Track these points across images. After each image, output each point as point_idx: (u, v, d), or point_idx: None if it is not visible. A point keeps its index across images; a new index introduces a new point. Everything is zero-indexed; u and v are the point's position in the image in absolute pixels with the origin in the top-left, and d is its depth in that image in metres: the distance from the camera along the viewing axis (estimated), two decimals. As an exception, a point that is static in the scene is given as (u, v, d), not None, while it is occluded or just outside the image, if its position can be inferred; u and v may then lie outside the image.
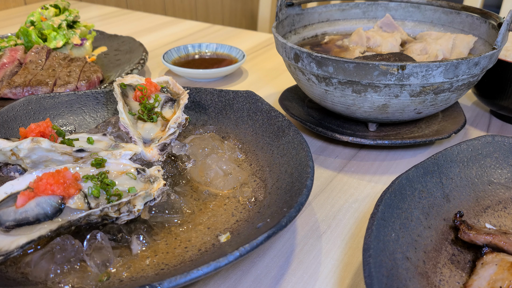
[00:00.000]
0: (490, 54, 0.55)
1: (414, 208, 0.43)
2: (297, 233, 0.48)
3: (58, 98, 0.62)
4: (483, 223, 0.45)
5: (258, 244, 0.36)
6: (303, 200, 0.41)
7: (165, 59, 0.89)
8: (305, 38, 0.77)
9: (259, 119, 0.59)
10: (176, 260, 0.41)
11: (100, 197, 0.42)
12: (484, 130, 0.69)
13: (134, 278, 0.39)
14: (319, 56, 0.54)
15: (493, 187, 0.49)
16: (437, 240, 0.42)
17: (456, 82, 0.55)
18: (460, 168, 0.49)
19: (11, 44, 0.89)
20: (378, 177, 0.58)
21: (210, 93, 0.64)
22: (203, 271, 0.33)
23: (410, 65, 0.51)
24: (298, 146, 0.50)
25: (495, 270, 0.37)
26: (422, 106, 0.57)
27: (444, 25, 0.75)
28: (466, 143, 0.50)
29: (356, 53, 0.71)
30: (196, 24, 1.30)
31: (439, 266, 0.40)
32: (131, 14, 1.41)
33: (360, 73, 0.53)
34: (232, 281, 0.42)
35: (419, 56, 0.69)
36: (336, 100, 0.59)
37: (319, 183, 0.56)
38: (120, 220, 0.41)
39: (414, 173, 0.45)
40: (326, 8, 0.79)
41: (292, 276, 0.42)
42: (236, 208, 0.48)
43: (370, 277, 0.33)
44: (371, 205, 0.52)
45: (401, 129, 0.65)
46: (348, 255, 0.45)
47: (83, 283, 0.38)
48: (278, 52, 0.64)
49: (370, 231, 0.37)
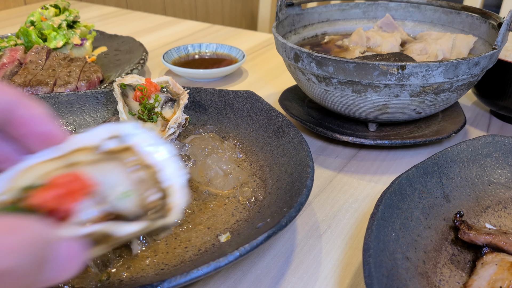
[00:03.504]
0: (490, 54, 0.55)
1: (414, 208, 0.43)
2: (297, 233, 0.48)
3: (58, 98, 0.62)
4: (483, 223, 0.45)
5: (258, 244, 0.36)
6: (303, 200, 0.41)
7: (165, 59, 0.89)
8: (305, 38, 0.77)
9: (259, 119, 0.59)
10: (176, 260, 0.41)
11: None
12: (484, 130, 0.69)
13: (134, 278, 0.39)
14: (319, 56, 0.54)
15: (493, 187, 0.49)
16: (437, 240, 0.42)
17: (456, 82, 0.55)
18: (460, 168, 0.49)
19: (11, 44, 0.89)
20: (378, 177, 0.58)
21: (210, 93, 0.64)
22: (203, 271, 0.33)
23: (410, 65, 0.51)
24: (298, 146, 0.50)
25: (495, 270, 0.37)
26: (422, 106, 0.57)
27: (444, 25, 0.75)
28: (466, 143, 0.50)
29: (356, 53, 0.71)
30: (196, 24, 1.30)
31: (439, 266, 0.40)
32: (131, 14, 1.41)
33: (360, 73, 0.53)
34: (232, 281, 0.42)
35: (419, 56, 0.69)
36: (336, 100, 0.59)
37: (319, 183, 0.56)
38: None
39: (414, 173, 0.45)
40: (326, 8, 0.79)
41: (292, 276, 0.42)
42: (236, 208, 0.48)
43: (370, 277, 0.33)
44: (371, 205, 0.52)
45: (401, 129, 0.65)
46: (348, 255, 0.45)
47: (83, 283, 0.38)
48: (278, 52, 0.64)
49: (370, 231, 0.37)
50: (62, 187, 0.26)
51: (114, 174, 0.29)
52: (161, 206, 0.29)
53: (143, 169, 0.30)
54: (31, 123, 0.29)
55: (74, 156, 0.29)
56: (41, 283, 0.22)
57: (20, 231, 0.20)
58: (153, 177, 0.29)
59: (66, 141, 0.30)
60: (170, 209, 0.29)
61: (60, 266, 0.23)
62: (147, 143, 0.30)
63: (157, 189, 0.29)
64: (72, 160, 0.29)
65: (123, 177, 0.29)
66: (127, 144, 0.30)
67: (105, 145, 0.30)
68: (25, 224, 0.21)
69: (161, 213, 0.29)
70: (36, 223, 0.22)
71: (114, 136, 0.30)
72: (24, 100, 0.28)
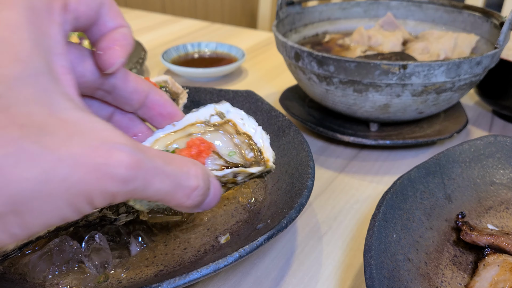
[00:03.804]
0: (492, 54, 0.54)
1: (416, 209, 0.43)
2: (297, 234, 0.47)
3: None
4: (485, 224, 0.45)
5: (258, 245, 0.35)
6: (303, 201, 0.40)
7: (164, 58, 0.88)
8: (305, 37, 0.77)
9: (259, 119, 0.58)
10: (175, 262, 0.40)
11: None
12: (486, 130, 0.69)
13: (132, 279, 0.38)
14: (320, 55, 0.54)
15: (495, 188, 0.48)
16: (439, 241, 0.42)
17: (458, 82, 0.54)
18: (462, 169, 0.48)
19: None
20: (379, 177, 0.57)
21: (210, 92, 0.63)
22: (202, 272, 0.33)
23: (412, 65, 0.51)
24: (298, 146, 0.50)
25: (497, 271, 0.37)
26: (424, 106, 0.57)
27: (446, 24, 0.75)
28: (468, 143, 0.50)
29: (357, 52, 0.70)
30: (196, 23, 1.29)
31: (441, 268, 0.40)
32: (129, 12, 1.40)
33: (361, 72, 0.53)
34: (232, 282, 0.41)
35: (420, 55, 0.68)
36: (337, 100, 0.58)
37: (320, 183, 0.56)
38: (119, 221, 0.41)
39: (416, 174, 0.45)
40: (327, 7, 0.78)
41: (293, 278, 0.42)
42: (236, 209, 0.47)
43: (371, 279, 0.33)
44: (372, 206, 0.52)
45: (402, 129, 0.64)
46: (349, 256, 0.45)
47: (81, 284, 0.38)
48: (279, 51, 0.64)
49: (371, 232, 0.37)
50: (197, 147, 0.37)
51: (221, 139, 0.40)
52: (259, 159, 0.39)
53: (240, 136, 0.40)
54: (160, 105, 0.37)
55: (190, 129, 0.39)
56: (205, 205, 0.32)
57: (198, 165, 0.30)
58: (249, 141, 0.40)
59: (183, 118, 0.39)
60: (267, 160, 0.39)
61: (213, 196, 0.31)
62: (240, 116, 0.40)
63: (252, 148, 0.39)
64: (189, 131, 0.39)
65: (227, 141, 0.40)
66: (227, 118, 0.40)
67: (211, 120, 0.40)
68: (197, 162, 0.30)
69: (262, 164, 0.39)
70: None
71: (216, 113, 0.40)
72: (154, 88, 0.37)
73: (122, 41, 0.32)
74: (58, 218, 0.23)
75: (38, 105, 0.23)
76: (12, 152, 0.21)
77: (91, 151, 0.23)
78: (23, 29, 0.24)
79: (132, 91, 0.35)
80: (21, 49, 0.24)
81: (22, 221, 0.22)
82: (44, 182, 0.21)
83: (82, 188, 0.22)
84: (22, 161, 0.21)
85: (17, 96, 0.22)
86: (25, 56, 0.23)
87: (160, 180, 0.26)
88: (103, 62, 0.31)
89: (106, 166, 0.23)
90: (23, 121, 0.22)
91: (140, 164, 0.25)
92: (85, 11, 0.29)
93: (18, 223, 0.22)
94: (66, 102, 0.24)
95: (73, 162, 0.22)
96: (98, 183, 0.23)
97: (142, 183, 0.25)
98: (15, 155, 0.21)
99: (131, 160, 0.24)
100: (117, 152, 0.24)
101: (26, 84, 0.23)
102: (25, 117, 0.22)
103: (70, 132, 0.23)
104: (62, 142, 0.22)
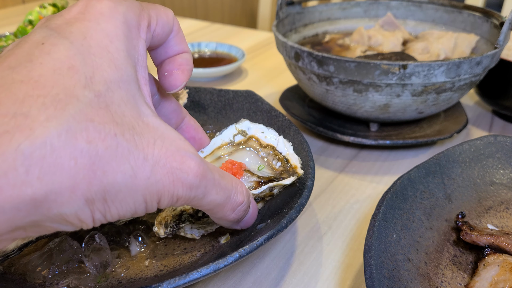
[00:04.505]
0: (492, 54, 0.54)
1: (416, 209, 0.43)
2: (297, 234, 0.47)
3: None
4: (485, 224, 0.45)
5: (258, 245, 0.35)
6: (303, 201, 0.40)
7: (165, 58, 0.88)
8: (305, 37, 0.77)
9: (259, 119, 0.58)
10: (175, 262, 0.40)
11: None
12: (486, 130, 0.69)
13: (132, 279, 0.38)
14: (320, 55, 0.54)
15: (495, 188, 0.48)
16: (439, 241, 0.42)
17: (458, 82, 0.54)
18: (462, 169, 0.48)
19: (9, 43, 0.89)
20: (379, 177, 0.57)
21: (210, 92, 0.63)
22: (202, 273, 0.33)
23: (412, 64, 0.51)
24: (298, 146, 0.50)
25: (497, 271, 0.37)
26: (424, 106, 0.57)
27: (446, 24, 0.75)
28: (468, 143, 0.50)
29: (357, 52, 0.70)
30: (196, 23, 1.29)
31: (441, 268, 0.40)
32: (130, 12, 1.40)
33: (361, 72, 0.53)
34: (232, 282, 0.41)
35: (420, 55, 0.68)
36: (337, 100, 0.58)
37: (320, 183, 0.56)
38: (119, 221, 0.41)
39: (416, 174, 0.45)
40: (327, 7, 0.78)
41: (293, 278, 0.42)
42: (236, 209, 0.47)
43: (371, 279, 0.33)
44: (372, 206, 0.52)
45: (402, 129, 0.64)
46: (349, 256, 0.45)
47: (81, 284, 0.38)
48: (279, 51, 0.64)
49: (371, 232, 0.37)
50: (230, 170, 0.39)
51: (249, 156, 0.42)
52: (287, 167, 0.41)
53: (264, 148, 0.42)
54: (194, 130, 0.40)
55: (218, 152, 0.42)
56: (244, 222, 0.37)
57: (242, 183, 0.34)
58: (274, 152, 0.42)
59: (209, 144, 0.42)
60: (295, 167, 0.41)
61: (251, 214, 0.37)
62: (261, 130, 0.43)
63: (278, 158, 0.42)
64: (218, 154, 0.42)
65: (254, 156, 0.42)
66: (249, 135, 0.43)
67: (235, 140, 0.43)
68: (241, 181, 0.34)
69: (291, 171, 0.41)
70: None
71: (238, 132, 0.43)
72: (188, 114, 0.40)
73: (186, 66, 0.34)
74: (131, 211, 0.26)
75: (129, 108, 0.25)
76: (111, 146, 0.23)
77: (169, 155, 0.26)
78: (119, 40, 0.27)
79: (173, 111, 0.38)
80: (117, 57, 0.26)
81: (106, 209, 0.24)
82: (132, 177, 0.24)
83: (158, 188, 0.25)
84: (119, 155, 0.23)
85: (113, 97, 0.25)
86: (120, 64, 0.26)
87: (216, 191, 0.29)
88: (168, 83, 0.34)
89: (180, 171, 0.26)
90: (118, 120, 0.24)
91: (205, 174, 0.28)
92: (159, 33, 0.32)
93: (102, 210, 0.24)
94: (147, 109, 0.27)
95: (155, 163, 0.25)
96: (170, 185, 0.26)
97: (203, 191, 0.28)
98: (113, 149, 0.23)
99: (199, 169, 0.27)
100: (189, 159, 0.27)
101: (120, 88, 0.26)
102: (120, 117, 0.24)
103: (154, 136, 0.26)
104: (148, 143, 0.25)
